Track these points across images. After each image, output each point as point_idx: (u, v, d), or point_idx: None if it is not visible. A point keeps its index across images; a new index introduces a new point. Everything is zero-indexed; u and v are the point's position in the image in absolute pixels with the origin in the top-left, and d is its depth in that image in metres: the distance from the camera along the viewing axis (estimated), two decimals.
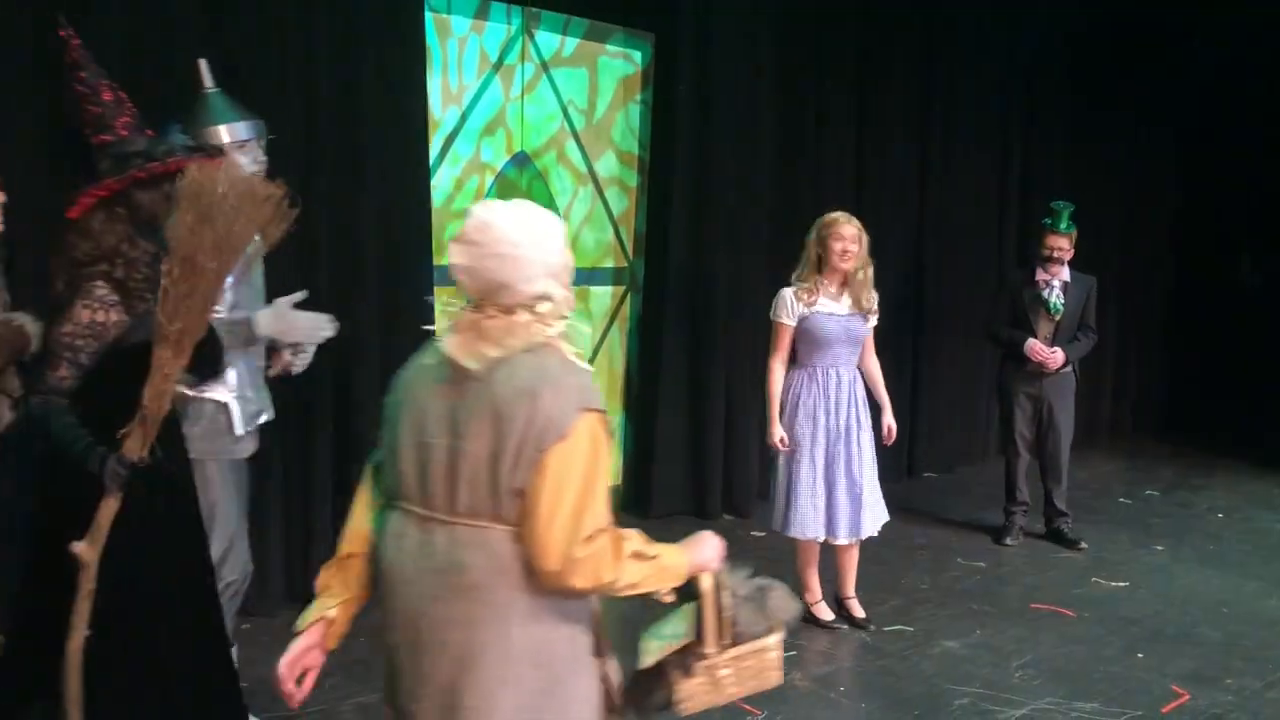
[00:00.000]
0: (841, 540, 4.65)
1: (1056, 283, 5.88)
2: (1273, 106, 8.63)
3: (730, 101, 6.23)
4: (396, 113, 4.90)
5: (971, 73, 7.60)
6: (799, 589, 3.20)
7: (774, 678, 2.40)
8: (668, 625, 2.33)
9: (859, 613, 4.80)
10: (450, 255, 2.12)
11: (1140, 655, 4.59)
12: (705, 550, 2.27)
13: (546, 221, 2.15)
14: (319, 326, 3.41)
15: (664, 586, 2.21)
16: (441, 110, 5.41)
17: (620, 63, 6.30)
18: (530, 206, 2.16)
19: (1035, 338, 5.85)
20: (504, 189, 5.80)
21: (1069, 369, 5.95)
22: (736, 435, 6.41)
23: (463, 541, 2.07)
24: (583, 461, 2.03)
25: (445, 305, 2.49)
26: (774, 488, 4.73)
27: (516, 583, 2.06)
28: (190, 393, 3.23)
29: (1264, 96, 8.67)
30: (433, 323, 4.81)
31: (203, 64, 3.46)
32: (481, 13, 5.60)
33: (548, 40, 5.93)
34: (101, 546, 2.74)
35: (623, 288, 6.47)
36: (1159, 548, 6.16)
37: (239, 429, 3.44)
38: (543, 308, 2.11)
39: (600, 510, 2.05)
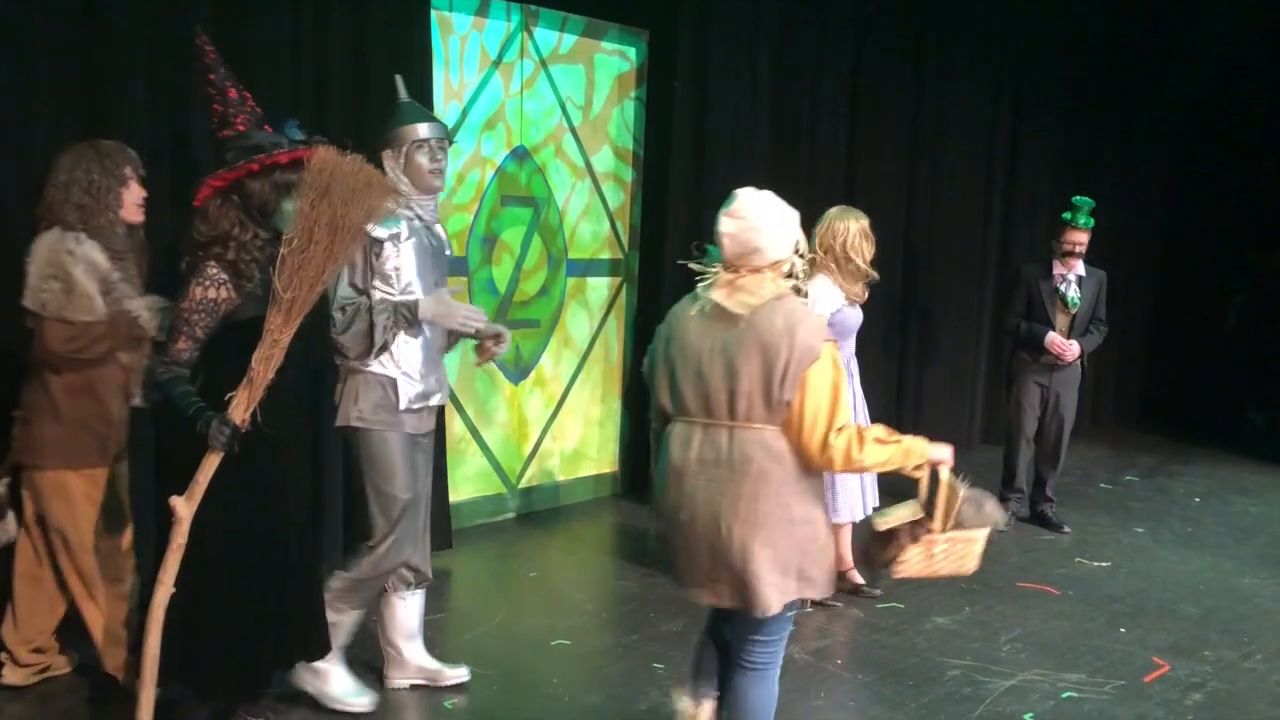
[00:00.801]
0: (847, 519, 4.84)
1: (1073, 277, 6.01)
2: (1261, 103, 8.83)
3: (724, 97, 6.39)
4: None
5: (962, 70, 7.79)
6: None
7: (971, 566, 3.02)
8: (903, 507, 2.99)
9: (860, 580, 4.99)
10: (720, 225, 2.88)
11: (1122, 630, 4.79)
12: (942, 448, 2.92)
13: (787, 208, 2.92)
14: (471, 317, 3.66)
15: (907, 464, 2.87)
16: (444, 106, 5.54)
17: (616, 60, 6.44)
18: (775, 196, 2.92)
19: (1054, 330, 5.99)
20: (504, 182, 5.95)
21: (1078, 361, 6.09)
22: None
23: (745, 440, 2.83)
24: (830, 376, 2.81)
25: (705, 265, 2.92)
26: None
27: (789, 467, 2.84)
28: (364, 368, 3.53)
29: (1254, 93, 8.86)
30: None
31: (398, 79, 3.81)
32: (482, 10, 5.74)
33: (546, 37, 6.07)
34: (198, 504, 2.96)
35: (619, 279, 6.62)
36: (1139, 530, 6.37)
37: (403, 404, 3.59)
38: (784, 268, 2.91)
39: (845, 410, 2.86)
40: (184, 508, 2.97)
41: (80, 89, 4.10)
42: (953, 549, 2.97)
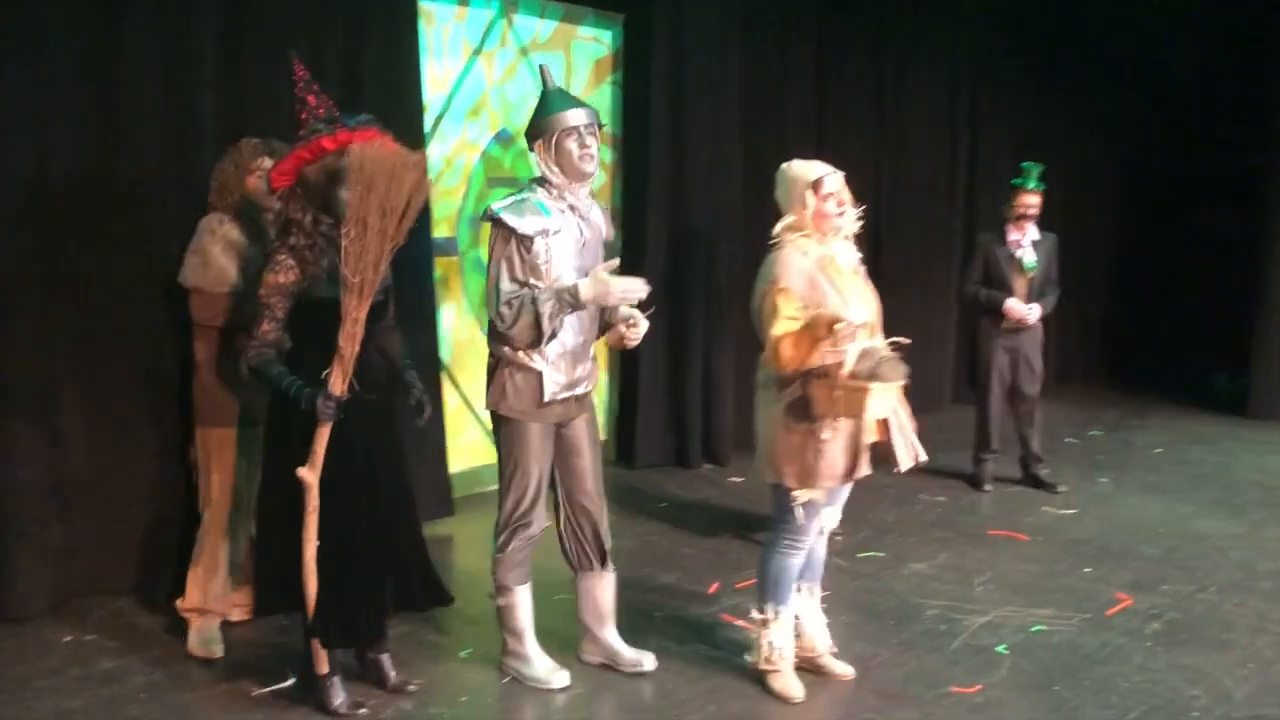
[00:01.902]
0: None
1: (1028, 241, 6.22)
2: (1212, 72, 9.14)
3: (699, 79, 6.64)
4: (396, 97, 5.27)
5: (922, 50, 8.10)
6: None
7: (860, 414, 3.50)
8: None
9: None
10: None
11: (1088, 570, 5.12)
12: (843, 316, 3.50)
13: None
14: (634, 289, 3.60)
15: (818, 331, 3.47)
16: (429, 93, 5.76)
17: (593, 45, 6.68)
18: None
19: (1013, 296, 6.20)
20: (489, 165, 6.19)
21: (1039, 322, 6.30)
22: (713, 391, 6.86)
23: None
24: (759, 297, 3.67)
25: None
26: None
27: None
28: (514, 358, 3.67)
29: (1205, 59, 9.16)
30: None
31: (544, 68, 3.84)
32: None
33: (526, 24, 6.30)
34: (320, 469, 3.32)
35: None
36: (1103, 480, 6.71)
37: (547, 396, 3.69)
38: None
39: (788, 314, 3.56)
40: (310, 475, 3.33)
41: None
42: (847, 394, 3.47)
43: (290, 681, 3.82)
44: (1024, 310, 6.19)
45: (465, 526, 5.66)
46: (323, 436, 3.33)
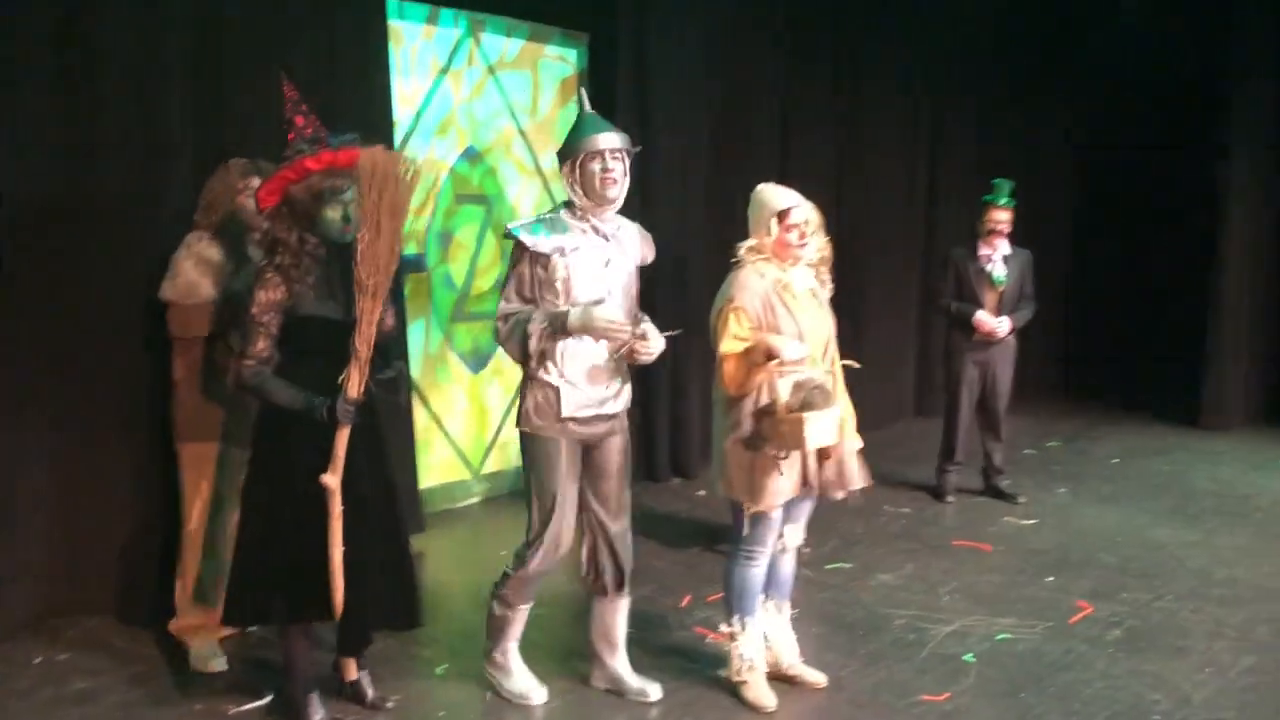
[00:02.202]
0: None
1: (998, 256, 6.31)
2: (1169, 86, 9.35)
3: (663, 97, 6.72)
4: (366, 114, 5.29)
5: (884, 66, 8.25)
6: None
7: (802, 444, 3.58)
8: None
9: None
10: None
11: (1049, 579, 5.23)
12: (784, 346, 3.61)
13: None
14: (614, 329, 3.62)
15: (756, 356, 3.62)
16: (398, 111, 5.80)
17: (559, 65, 6.75)
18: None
19: (982, 309, 6.30)
20: (458, 182, 6.24)
21: (1012, 336, 6.40)
22: (681, 405, 6.93)
23: None
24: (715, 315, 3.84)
25: None
26: None
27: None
28: (535, 374, 3.67)
29: (1161, 78, 9.37)
30: None
31: (582, 91, 3.98)
32: (431, 18, 6.00)
33: (493, 43, 6.35)
34: (341, 472, 3.35)
35: None
36: (1061, 490, 6.85)
37: (565, 412, 3.68)
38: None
39: (736, 333, 3.72)
40: (332, 480, 3.35)
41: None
42: (788, 427, 3.58)
43: (268, 699, 3.83)
44: (993, 324, 6.27)
45: (436, 542, 5.68)
46: (342, 440, 3.37)
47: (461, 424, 6.39)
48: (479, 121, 6.31)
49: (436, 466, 6.24)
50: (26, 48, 4.23)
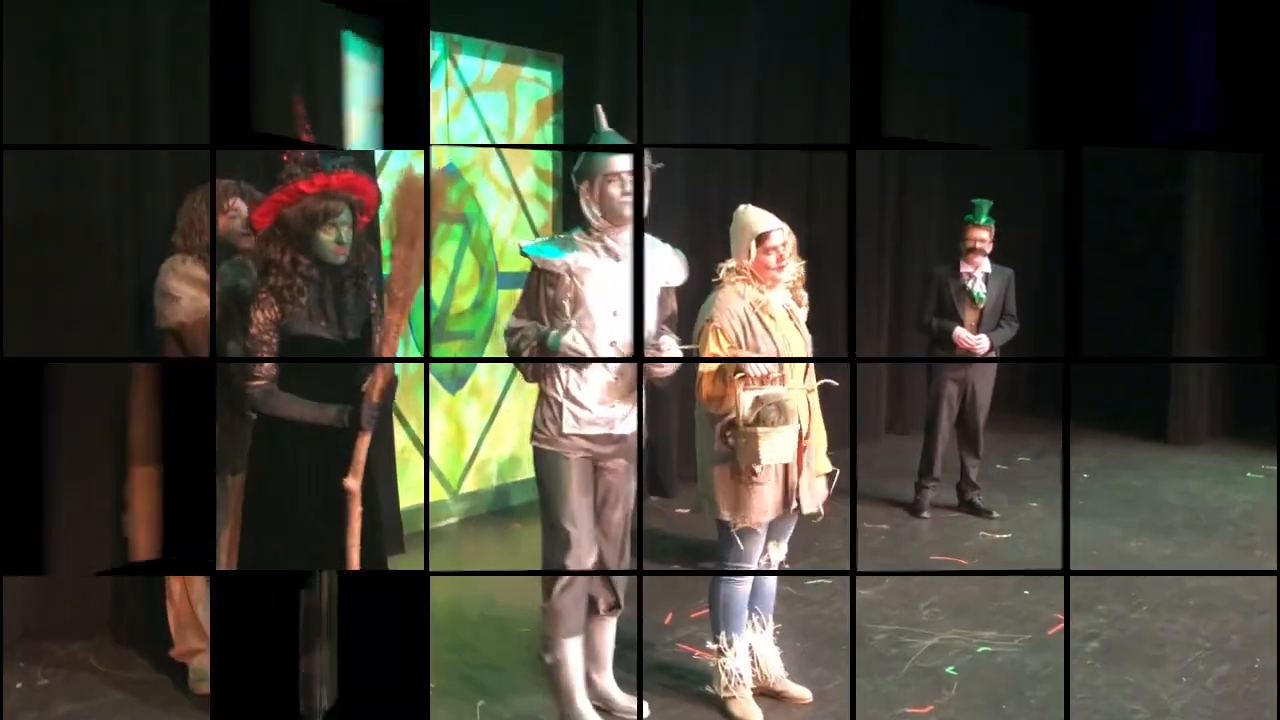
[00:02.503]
0: None
1: (979, 274, 6.39)
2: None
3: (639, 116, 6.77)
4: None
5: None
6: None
7: (757, 460, 3.68)
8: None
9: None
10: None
11: (1026, 592, 5.29)
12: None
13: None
14: (574, 354, 3.62)
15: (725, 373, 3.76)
16: None
17: (534, 86, 6.79)
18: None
19: (962, 326, 6.39)
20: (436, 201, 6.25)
21: (993, 354, 6.46)
22: (659, 425, 6.96)
23: None
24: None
25: None
26: None
27: None
28: (545, 389, 3.71)
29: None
30: None
31: (599, 109, 3.87)
32: None
33: (470, 65, 6.39)
34: (363, 476, 3.40)
35: None
36: (1034, 504, 6.93)
37: (567, 428, 3.68)
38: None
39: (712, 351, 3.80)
40: (354, 483, 3.38)
41: None
42: (747, 440, 3.69)
43: None
44: (972, 340, 6.35)
45: (416, 564, 5.65)
46: (363, 445, 3.40)
47: (439, 444, 6.39)
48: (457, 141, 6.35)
49: (415, 487, 6.22)
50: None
